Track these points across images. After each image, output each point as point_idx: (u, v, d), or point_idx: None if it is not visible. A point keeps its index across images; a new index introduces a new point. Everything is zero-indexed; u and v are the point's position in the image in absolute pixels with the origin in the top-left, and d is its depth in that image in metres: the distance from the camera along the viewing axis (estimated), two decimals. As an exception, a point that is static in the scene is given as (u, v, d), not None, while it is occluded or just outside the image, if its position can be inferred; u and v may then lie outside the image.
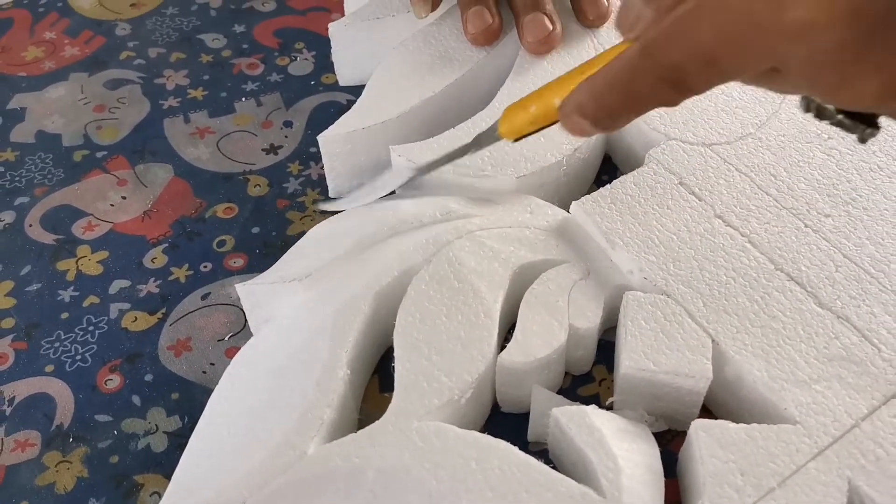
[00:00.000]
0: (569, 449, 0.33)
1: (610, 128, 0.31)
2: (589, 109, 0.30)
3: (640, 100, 0.29)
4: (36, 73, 0.53)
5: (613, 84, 0.29)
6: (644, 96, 0.28)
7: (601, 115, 0.30)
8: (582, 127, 0.31)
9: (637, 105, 0.29)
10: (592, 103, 0.30)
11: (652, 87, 0.28)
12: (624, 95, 0.29)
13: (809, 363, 0.34)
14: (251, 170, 0.47)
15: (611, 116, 0.30)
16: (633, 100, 0.29)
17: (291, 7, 0.56)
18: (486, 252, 0.38)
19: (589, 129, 0.31)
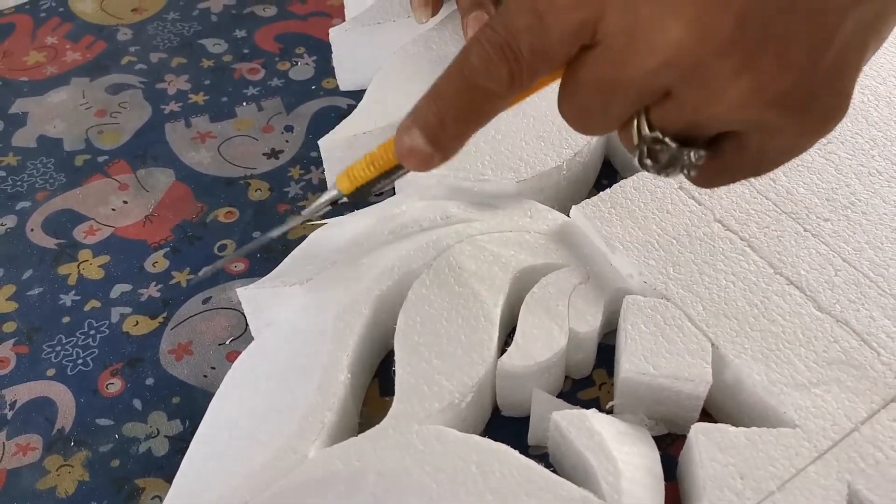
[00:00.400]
0: (569, 452, 0.33)
1: (439, 140, 0.28)
2: (421, 114, 0.28)
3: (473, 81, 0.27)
4: (38, 77, 0.53)
5: (449, 71, 0.28)
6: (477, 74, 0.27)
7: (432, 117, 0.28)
8: (413, 143, 0.28)
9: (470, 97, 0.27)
10: (427, 105, 0.28)
11: (484, 58, 0.27)
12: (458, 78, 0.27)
13: (809, 367, 0.34)
14: (252, 174, 0.47)
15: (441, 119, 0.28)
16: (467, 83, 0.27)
17: (292, 12, 0.57)
18: (486, 256, 0.38)
19: (421, 144, 0.28)
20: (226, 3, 0.57)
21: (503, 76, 0.27)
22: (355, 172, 0.32)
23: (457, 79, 0.28)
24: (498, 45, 0.27)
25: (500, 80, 0.27)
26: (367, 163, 0.31)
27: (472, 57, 0.27)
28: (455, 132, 0.28)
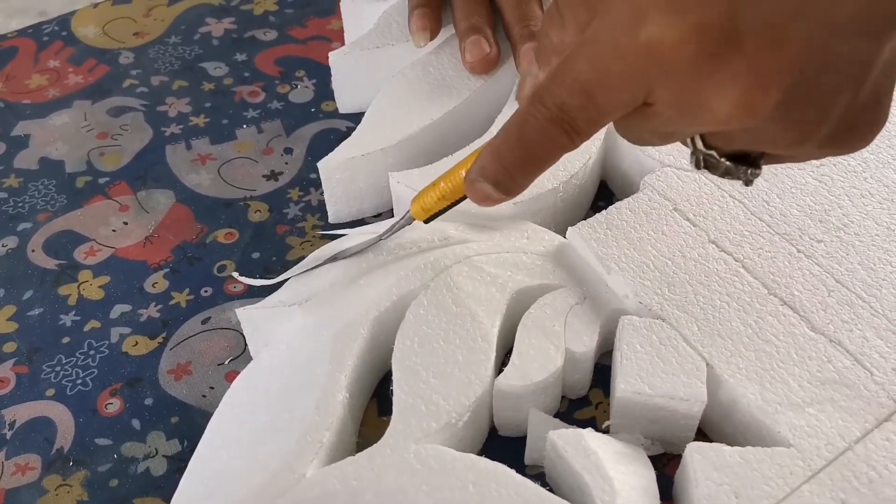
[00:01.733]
0: (565, 472, 0.34)
1: (510, 190, 0.31)
2: (489, 171, 0.31)
3: (533, 148, 0.29)
4: (40, 100, 0.54)
5: (508, 136, 0.30)
6: (536, 143, 0.29)
7: (500, 174, 0.31)
8: (485, 192, 0.31)
9: (531, 156, 0.30)
10: (492, 164, 0.30)
11: (542, 131, 0.29)
12: (518, 147, 0.30)
13: (803, 386, 0.34)
14: (252, 196, 0.48)
15: (510, 175, 0.30)
16: (527, 149, 0.29)
17: (292, 36, 0.57)
18: (483, 277, 0.38)
19: (492, 193, 0.31)
20: (227, 28, 0.58)
21: (563, 141, 0.29)
22: (427, 204, 0.36)
23: (517, 146, 0.30)
24: (552, 121, 0.28)
25: (561, 144, 0.29)
26: (438, 196, 0.35)
27: (528, 131, 0.29)
28: (521, 183, 0.31)
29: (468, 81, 0.47)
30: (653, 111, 0.28)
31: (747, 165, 0.29)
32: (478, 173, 0.31)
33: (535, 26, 0.46)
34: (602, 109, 0.28)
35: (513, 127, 0.30)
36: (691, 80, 0.26)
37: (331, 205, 0.46)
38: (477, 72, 0.47)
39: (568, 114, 0.28)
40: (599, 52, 0.27)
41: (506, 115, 0.45)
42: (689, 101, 0.26)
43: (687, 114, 0.27)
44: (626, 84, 0.27)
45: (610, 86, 0.27)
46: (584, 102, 0.27)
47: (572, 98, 0.27)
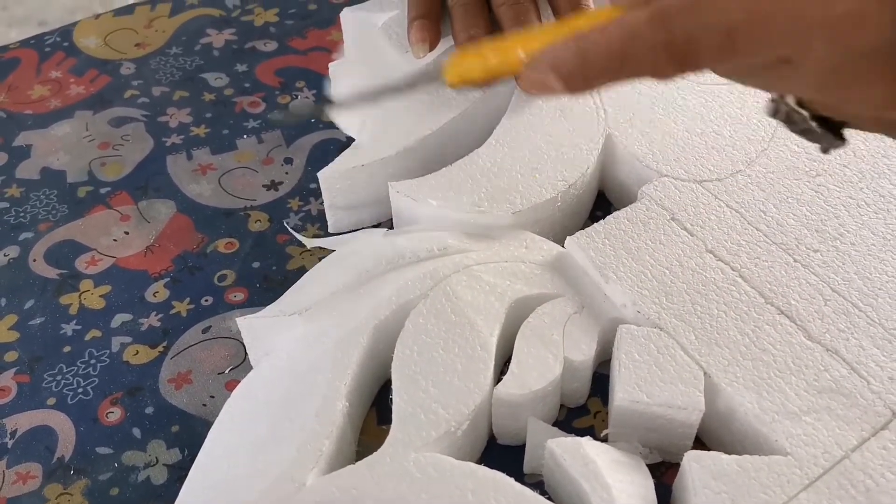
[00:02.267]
0: (564, 480, 0.34)
1: (580, 88, 0.28)
2: (568, 65, 0.28)
3: (631, 64, 0.27)
4: (42, 111, 0.54)
5: (607, 43, 0.27)
6: (638, 62, 0.26)
7: (578, 72, 0.28)
8: (549, 84, 0.28)
9: (626, 69, 0.27)
10: (574, 59, 0.27)
11: (652, 53, 0.26)
12: (616, 57, 0.27)
13: (800, 395, 0.34)
14: (252, 205, 0.48)
15: (588, 77, 0.28)
16: (624, 63, 0.27)
17: (293, 47, 0.58)
18: (482, 286, 0.39)
19: (556, 86, 0.28)
20: (227, 39, 0.58)
21: (668, 70, 0.27)
22: (467, 72, 0.32)
23: (613, 56, 0.27)
24: (670, 47, 0.26)
25: (664, 71, 0.27)
26: (482, 68, 0.31)
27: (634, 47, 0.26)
28: (592, 85, 0.28)
29: (467, 93, 0.47)
30: (791, 69, 0.25)
31: (833, 134, 0.27)
32: (550, 64, 0.28)
33: (533, 37, 0.47)
34: (737, 55, 0.25)
35: (615, 35, 0.27)
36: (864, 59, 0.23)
37: (331, 214, 0.46)
38: (476, 83, 0.47)
39: (696, 49, 0.25)
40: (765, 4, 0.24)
41: (504, 125, 0.45)
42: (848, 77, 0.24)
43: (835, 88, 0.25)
44: (786, 41, 0.24)
45: (763, 35, 0.24)
46: (723, 47, 0.25)
47: (709, 34, 0.25)
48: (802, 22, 0.24)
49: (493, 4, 0.49)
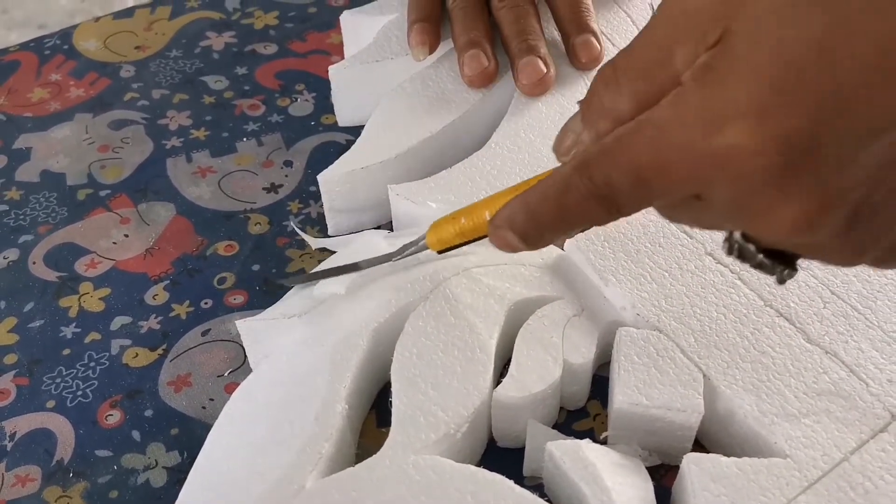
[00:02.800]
0: (564, 483, 0.34)
1: (536, 244, 0.31)
2: (518, 223, 0.30)
3: (569, 216, 0.29)
4: (41, 113, 0.54)
5: (545, 198, 0.29)
6: (574, 212, 0.29)
7: (530, 229, 0.30)
8: (510, 241, 0.31)
9: (566, 222, 0.30)
10: (523, 217, 0.30)
11: (582, 202, 0.28)
12: (555, 210, 0.29)
13: (799, 398, 0.34)
14: (252, 208, 0.48)
15: (539, 232, 0.30)
16: (563, 215, 0.29)
17: (292, 50, 0.58)
18: (481, 289, 0.39)
19: (516, 244, 0.31)
20: (227, 42, 0.59)
21: (602, 217, 0.29)
22: (445, 237, 0.35)
23: (553, 209, 0.29)
24: (596, 196, 0.28)
25: (599, 218, 0.29)
26: (456, 232, 0.35)
27: (568, 198, 0.28)
28: (547, 241, 0.31)
29: (467, 95, 0.47)
30: (703, 205, 0.27)
31: (783, 264, 0.29)
32: (506, 223, 0.31)
33: (532, 41, 0.47)
34: (652, 197, 0.27)
35: (552, 189, 0.29)
36: (757, 189, 0.25)
37: (330, 217, 0.46)
38: (475, 86, 0.47)
39: (614, 193, 0.27)
40: (663, 143, 0.26)
41: (504, 128, 0.45)
42: (749, 207, 0.26)
43: (742, 219, 0.27)
44: (687, 180, 0.26)
45: (668, 178, 0.26)
46: (636, 187, 0.27)
47: (623, 179, 0.27)
48: (697, 160, 0.25)
49: (492, 7, 0.49)
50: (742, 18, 0.24)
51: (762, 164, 0.24)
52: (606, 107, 0.28)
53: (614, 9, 0.53)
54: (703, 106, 0.25)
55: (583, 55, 0.48)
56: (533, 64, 0.46)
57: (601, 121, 0.29)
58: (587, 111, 0.29)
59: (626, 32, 0.51)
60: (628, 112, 0.28)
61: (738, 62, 0.24)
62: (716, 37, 0.25)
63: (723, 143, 0.24)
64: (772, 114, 0.24)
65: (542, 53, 0.47)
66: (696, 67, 0.25)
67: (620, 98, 0.28)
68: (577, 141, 0.30)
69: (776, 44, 0.23)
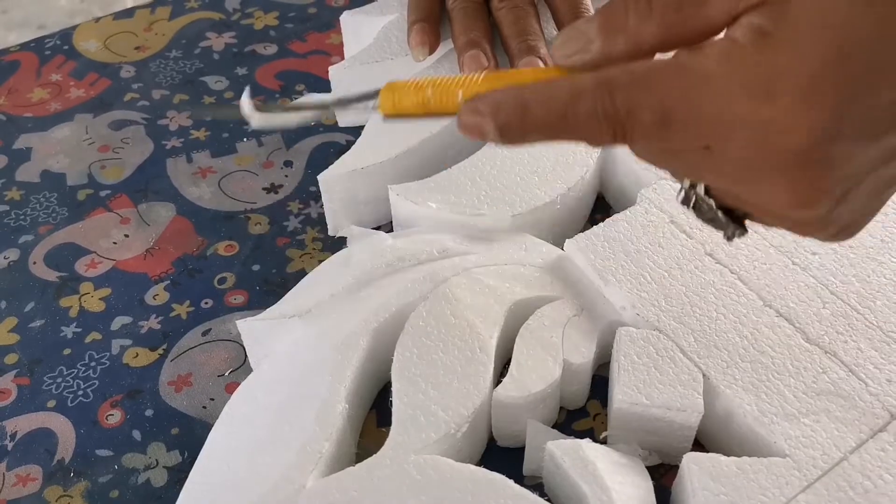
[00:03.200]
0: (564, 482, 0.34)
1: (513, 140, 0.28)
2: (506, 113, 0.28)
3: (570, 125, 0.27)
4: (42, 114, 0.54)
5: (550, 98, 0.27)
6: (577, 123, 0.27)
7: (515, 122, 0.28)
8: (484, 129, 0.28)
9: (561, 129, 0.28)
10: (515, 108, 0.28)
11: (592, 117, 0.27)
12: (556, 113, 0.27)
13: (798, 397, 0.34)
14: (252, 208, 0.48)
15: (524, 128, 0.28)
16: (564, 122, 0.27)
17: (293, 51, 0.58)
18: (481, 289, 0.39)
19: (490, 133, 0.28)
20: (227, 42, 0.59)
21: (604, 139, 0.27)
22: (402, 104, 0.31)
23: (553, 113, 0.27)
24: (610, 118, 0.27)
25: (600, 139, 0.27)
26: (419, 101, 0.31)
27: (577, 109, 0.27)
28: (527, 141, 0.28)
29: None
30: (707, 155, 0.26)
31: (734, 223, 0.29)
32: (488, 108, 0.28)
33: (532, 41, 0.47)
34: (668, 137, 0.27)
35: (562, 92, 0.27)
36: (774, 161, 0.25)
37: (330, 217, 0.46)
38: (475, 86, 0.47)
39: (631, 122, 0.26)
40: (703, 94, 0.25)
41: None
42: (757, 173, 0.26)
43: (742, 180, 0.27)
44: (710, 133, 0.26)
45: (693, 127, 0.26)
46: (656, 125, 0.26)
47: (647, 114, 0.26)
48: (729, 117, 0.25)
49: (492, 7, 0.49)
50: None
51: (791, 142, 0.24)
52: (630, 26, 0.27)
53: (614, 9, 0.53)
54: (758, 70, 0.24)
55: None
56: (533, 64, 0.46)
57: (620, 39, 0.27)
58: (607, 22, 0.27)
59: (626, 33, 0.51)
60: (652, 40, 0.26)
61: (798, 38, 0.24)
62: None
63: (763, 112, 0.24)
64: (816, 98, 0.24)
65: (542, 53, 0.47)
66: (752, 28, 0.25)
67: (648, 23, 0.26)
68: (585, 49, 0.28)
69: (835, 32, 0.24)
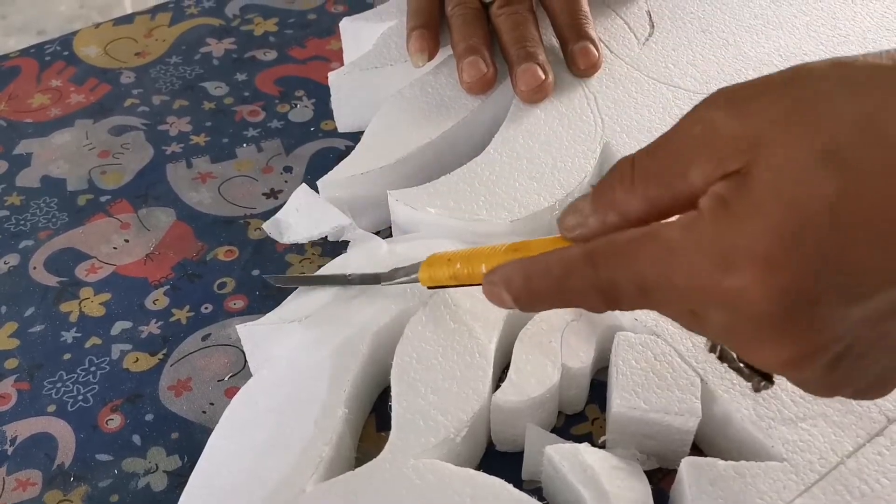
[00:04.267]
0: (562, 486, 0.34)
1: (527, 309, 0.32)
2: (515, 286, 0.31)
3: (566, 297, 0.30)
4: (42, 119, 0.55)
5: (547, 272, 0.30)
6: (572, 295, 0.29)
7: (524, 295, 0.31)
8: (502, 299, 0.31)
9: (561, 300, 0.30)
10: (520, 282, 0.31)
11: (583, 290, 0.29)
12: (553, 288, 0.30)
13: (796, 402, 0.35)
14: (252, 213, 0.48)
15: (532, 300, 0.31)
16: (561, 294, 0.30)
17: (292, 56, 0.58)
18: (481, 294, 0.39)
19: (508, 303, 0.31)
20: (227, 48, 0.59)
21: (599, 308, 0.29)
22: (437, 277, 0.36)
23: (552, 285, 0.30)
24: (598, 289, 0.28)
25: (595, 308, 0.29)
26: (450, 275, 0.35)
27: (570, 281, 0.29)
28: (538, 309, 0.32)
29: (465, 101, 0.47)
30: (697, 319, 0.28)
31: (761, 376, 0.30)
32: (502, 281, 0.31)
33: (531, 48, 0.47)
34: (651, 305, 0.28)
35: (555, 267, 0.29)
36: (753, 328, 0.26)
37: (330, 223, 0.46)
38: (474, 92, 0.47)
39: (616, 292, 0.28)
40: (671, 264, 0.26)
41: (502, 134, 0.46)
42: (742, 339, 0.27)
43: (732, 344, 0.28)
44: (687, 300, 0.27)
45: (669, 295, 0.27)
46: (637, 294, 0.28)
47: (627, 284, 0.28)
48: (700, 287, 0.26)
49: (491, 14, 0.50)
50: (763, 164, 0.25)
51: (762, 310, 0.25)
52: (618, 200, 0.29)
53: (612, 16, 0.53)
54: (715, 241, 0.25)
55: (581, 62, 0.48)
56: (531, 70, 0.46)
57: (610, 212, 0.29)
58: (598, 199, 0.30)
59: (624, 40, 0.51)
60: (638, 212, 0.28)
61: (755, 208, 0.25)
62: (735, 167, 0.25)
63: (728, 282, 0.25)
64: (779, 267, 0.24)
65: (541, 60, 0.47)
66: (714, 198, 0.26)
67: (633, 197, 0.28)
68: (583, 223, 0.30)
69: (792, 200, 0.24)
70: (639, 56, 0.50)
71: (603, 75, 0.49)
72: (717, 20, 0.53)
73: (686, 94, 0.48)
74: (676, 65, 0.50)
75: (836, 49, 0.50)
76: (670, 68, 0.49)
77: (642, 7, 0.54)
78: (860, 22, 0.52)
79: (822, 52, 0.50)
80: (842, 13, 0.53)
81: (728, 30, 0.52)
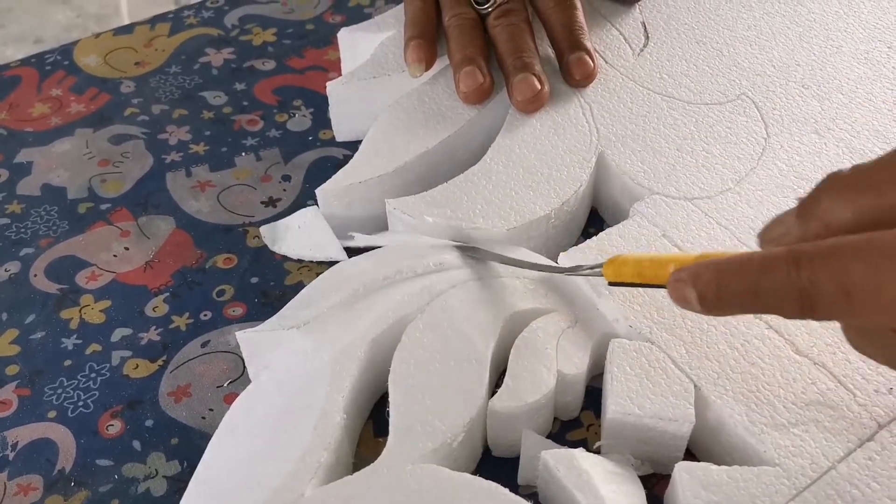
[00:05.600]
0: (558, 491, 0.34)
1: (711, 309, 0.31)
2: (702, 283, 0.30)
3: (759, 297, 0.29)
4: (42, 128, 0.55)
5: (742, 269, 0.29)
6: (766, 296, 0.28)
7: (711, 292, 0.30)
8: (687, 297, 0.31)
9: (753, 301, 0.29)
10: (711, 280, 0.30)
11: (780, 290, 0.28)
12: (748, 286, 0.29)
13: (788, 408, 0.35)
14: (250, 222, 0.49)
15: (719, 298, 0.30)
16: (754, 294, 0.29)
17: (291, 66, 0.59)
18: (477, 301, 0.39)
19: (694, 302, 0.30)
20: (226, 58, 0.59)
21: (792, 311, 0.28)
22: (623, 273, 0.35)
23: (745, 286, 0.29)
24: (797, 291, 0.27)
25: (788, 311, 0.28)
26: (636, 272, 0.35)
27: (767, 282, 0.28)
28: (724, 310, 0.31)
29: (462, 111, 0.48)
30: None
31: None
32: (690, 278, 0.30)
33: (527, 58, 0.48)
34: (851, 313, 0.27)
35: (753, 265, 0.29)
36: None
37: (328, 231, 0.47)
38: (471, 102, 0.48)
39: (816, 295, 0.27)
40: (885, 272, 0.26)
41: (499, 143, 0.46)
42: None
43: None
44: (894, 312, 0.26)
45: (874, 304, 0.26)
46: (839, 299, 0.27)
47: (830, 286, 0.27)
48: None
49: (487, 24, 0.50)
50: None
51: None
52: (824, 209, 0.28)
53: (607, 27, 0.54)
54: None
55: (577, 72, 0.49)
56: (527, 81, 0.47)
57: (814, 221, 0.29)
58: (805, 208, 0.29)
59: (619, 50, 0.52)
60: (844, 221, 0.28)
61: None
62: None
63: None
64: None
65: (537, 70, 0.47)
66: None
67: (841, 206, 0.28)
68: (786, 233, 0.30)
69: None
70: (634, 66, 0.51)
71: (598, 85, 0.49)
72: (711, 31, 0.53)
73: (680, 104, 0.49)
74: (671, 75, 0.50)
75: (828, 59, 0.51)
76: (665, 78, 0.50)
77: (637, 18, 0.54)
78: (853, 33, 0.53)
79: (815, 62, 0.51)
80: (834, 24, 0.54)
81: (722, 40, 0.53)
